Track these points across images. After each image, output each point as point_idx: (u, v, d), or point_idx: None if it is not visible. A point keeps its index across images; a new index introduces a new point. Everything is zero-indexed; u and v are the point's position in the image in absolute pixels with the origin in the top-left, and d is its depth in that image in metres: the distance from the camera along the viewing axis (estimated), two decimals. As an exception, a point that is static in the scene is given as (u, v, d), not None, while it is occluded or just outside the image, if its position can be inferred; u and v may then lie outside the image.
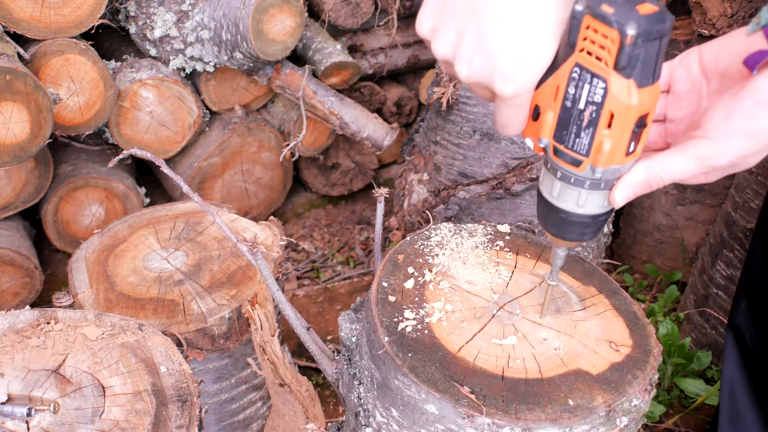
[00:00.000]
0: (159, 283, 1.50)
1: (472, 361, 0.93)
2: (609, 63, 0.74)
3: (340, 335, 1.08)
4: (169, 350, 1.16)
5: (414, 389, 0.91)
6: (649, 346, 0.99)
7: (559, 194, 0.86)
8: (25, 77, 1.74)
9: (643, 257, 2.50)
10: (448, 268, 1.08)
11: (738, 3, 2.00)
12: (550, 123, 0.81)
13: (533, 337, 0.98)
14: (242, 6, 2.00)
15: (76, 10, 1.89)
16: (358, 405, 1.04)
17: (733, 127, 0.76)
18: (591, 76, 0.75)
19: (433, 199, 1.92)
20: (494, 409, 0.87)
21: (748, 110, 0.76)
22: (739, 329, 1.44)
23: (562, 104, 0.79)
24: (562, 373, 0.93)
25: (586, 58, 0.75)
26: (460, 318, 1.00)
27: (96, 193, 2.19)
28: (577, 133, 0.79)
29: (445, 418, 0.89)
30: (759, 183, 1.92)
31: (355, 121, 2.31)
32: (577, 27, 0.74)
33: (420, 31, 0.83)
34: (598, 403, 0.89)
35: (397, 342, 0.95)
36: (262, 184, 2.55)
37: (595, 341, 0.99)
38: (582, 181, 0.83)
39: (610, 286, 1.10)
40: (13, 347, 1.14)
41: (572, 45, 0.75)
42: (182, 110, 2.23)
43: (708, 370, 2.08)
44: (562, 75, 0.77)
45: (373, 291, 1.02)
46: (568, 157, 0.82)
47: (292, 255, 2.66)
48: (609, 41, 0.72)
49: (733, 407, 1.42)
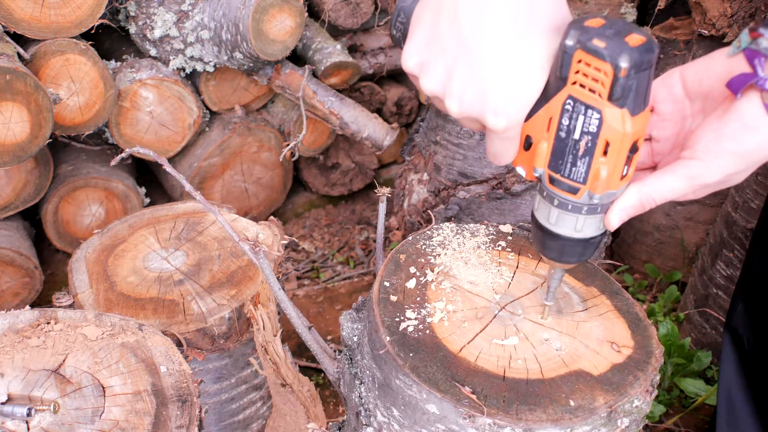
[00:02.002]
0: (159, 283, 1.50)
1: (474, 361, 0.93)
2: (603, 95, 0.76)
3: (341, 335, 1.08)
4: (169, 350, 1.16)
5: (415, 389, 0.91)
6: (650, 347, 0.99)
7: (556, 221, 0.87)
8: (25, 77, 1.74)
9: (643, 257, 2.50)
10: (449, 268, 1.08)
11: (738, 3, 2.00)
12: (544, 153, 0.83)
13: (535, 338, 0.98)
14: (242, 6, 2.00)
15: (76, 10, 1.89)
16: (360, 404, 1.04)
17: (721, 148, 0.79)
18: (585, 108, 0.77)
19: (433, 199, 1.92)
20: (495, 409, 0.87)
21: (735, 133, 0.78)
22: (736, 331, 1.44)
23: (556, 135, 0.81)
24: (563, 373, 0.93)
25: (579, 90, 0.77)
26: (462, 318, 1.00)
27: (96, 193, 2.19)
28: (573, 162, 0.81)
29: (446, 418, 0.89)
30: (759, 183, 1.92)
31: (355, 121, 2.31)
32: (569, 61, 0.75)
33: (407, 67, 0.83)
34: (599, 404, 0.89)
35: (398, 342, 0.95)
36: (262, 184, 2.55)
37: (596, 342, 0.99)
38: (580, 207, 0.85)
39: (612, 286, 1.10)
40: (13, 347, 1.14)
41: (564, 78, 0.77)
42: (182, 110, 2.23)
43: (708, 370, 2.08)
44: (554, 107, 0.79)
45: (375, 290, 1.02)
46: (565, 185, 0.84)
47: (292, 255, 2.66)
48: (602, 74, 0.74)
49: (731, 409, 1.42)
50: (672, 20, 2.39)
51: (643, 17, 2.50)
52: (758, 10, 2.00)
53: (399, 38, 0.89)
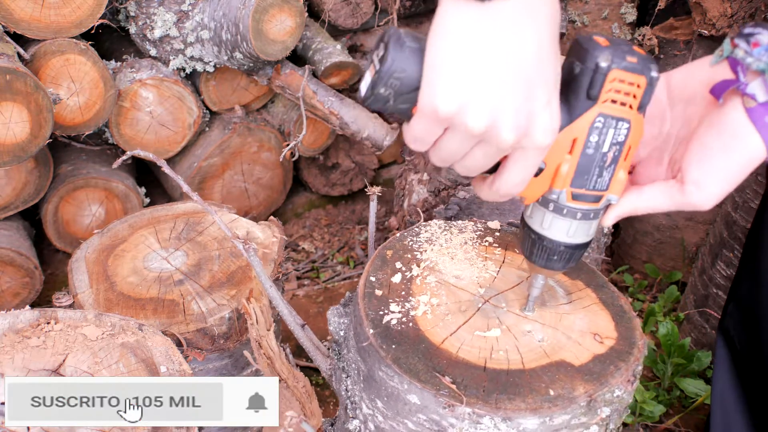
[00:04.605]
0: (159, 283, 1.50)
1: (455, 352, 0.95)
2: (634, 106, 0.82)
3: (329, 329, 1.09)
4: (169, 350, 1.16)
5: (397, 380, 0.92)
6: (634, 338, 1.00)
7: (575, 233, 0.91)
8: (25, 77, 1.74)
9: (643, 257, 2.50)
10: (435, 263, 1.10)
11: (738, 3, 2.00)
12: (565, 173, 0.86)
13: (517, 330, 1.00)
14: (242, 6, 2.00)
15: (76, 10, 1.89)
16: (346, 398, 1.05)
17: (712, 169, 0.84)
18: (616, 121, 0.82)
19: (433, 198, 1.92)
20: (475, 398, 0.88)
21: (724, 147, 0.83)
22: (728, 331, 1.45)
23: (582, 152, 0.84)
24: (544, 364, 0.95)
25: (610, 106, 0.81)
26: (446, 311, 1.02)
27: (96, 193, 2.19)
28: (599, 174, 0.86)
29: (426, 408, 0.91)
30: (759, 183, 1.92)
31: (355, 121, 2.31)
32: (602, 80, 0.80)
33: (445, 111, 0.76)
34: (579, 393, 0.91)
35: (381, 334, 0.96)
36: (262, 184, 2.55)
37: (579, 333, 1.00)
38: (598, 212, 0.90)
39: (598, 280, 1.11)
40: (13, 347, 1.14)
41: (594, 97, 0.81)
42: (182, 110, 2.23)
43: (708, 370, 2.08)
44: (581, 127, 0.83)
45: (361, 285, 1.04)
46: (590, 197, 0.88)
47: (292, 255, 2.66)
48: (635, 87, 0.80)
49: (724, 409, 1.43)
50: (672, 20, 2.39)
51: (643, 17, 2.50)
52: (758, 10, 2.00)
53: (388, 96, 0.79)
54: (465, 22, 0.75)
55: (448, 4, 0.76)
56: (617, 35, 2.48)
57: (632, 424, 1.89)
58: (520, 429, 0.88)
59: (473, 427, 0.88)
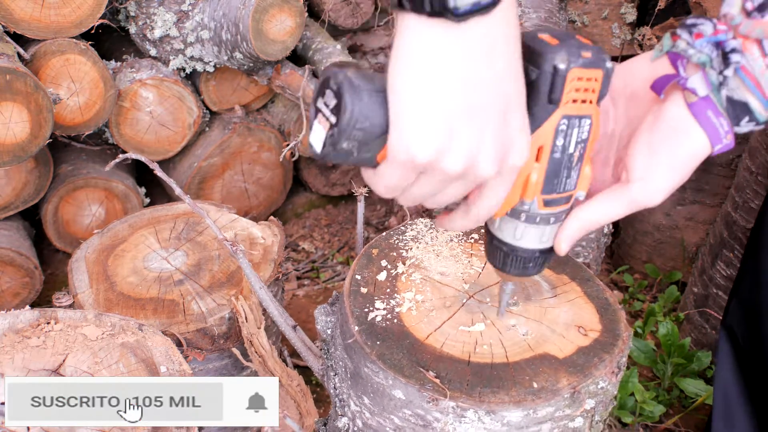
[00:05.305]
0: (159, 283, 1.50)
1: (439, 347, 0.96)
2: (594, 100, 0.79)
3: (317, 328, 1.10)
4: (169, 350, 1.16)
5: (382, 376, 0.93)
6: (618, 331, 1.01)
7: (549, 237, 0.88)
8: (25, 77, 1.74)
9: (643, 257, 2.50)
10: (420, 260, 1.12)
11: (738, 3, 2.00)
12: (534, 183, 0.82)
13: (501, 324, 1.01)
14: (242, 6, 2.00)
15: (76, 10, 1.89)
16: (335, 395, 1.06)
17: (657, 164, 0.81)
18: (579, 120, 0.79)
19: (433, 199, 1.92)
20: (458, 392, 0.89)
21: (667, 142, 0.80)
22: (731, 328, 1.46)
23: (549, 158, 0.81)
24: (528, 357, 0.95)
25: (572, 106, 0.78)
26: (430, 307, 1.03)
27: (96, 193, 2.19)
28: (567, 175, 0.83)
29: (411, 403, 0.92)
30: (759, 183, 1.92)
31: (355, 121, 2.31)
32: (562, 83, 0.76)
33: (423, 157, 0.70)
34: (562, 385, 0.91)
35: (366, 331, 0.98)
36: (262, 184, 2.55)
37: (563, 327, 1.01)
38: (568, 211, 0.87)
39: (583, 274, 1.12)
40: (13, 347, 1.14)
41: (555, 101, 0.77)
42: (182, 110, 2.23)
43: (708, 370, 2.08)
44: (545, 133, 0.79)
45: (347, 283, 1.06)
46: (561, 200, 0.85)
47: (292, 255, 2.66)
48: (593, 82, 0.77)
49: (727, 405, 1.43)
50: (672, 20, 2.39)
51: (643, 17, 2.49)
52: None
53: (351, 149, 0.72)
54: (433, 46, 0.67)
55: (411, 21, 0.66)
56: (617, 35, 2.48)
57: (632, 424, 1.89)
58: (504, 422, 0.89)
59: (457, 421, 0.89)
